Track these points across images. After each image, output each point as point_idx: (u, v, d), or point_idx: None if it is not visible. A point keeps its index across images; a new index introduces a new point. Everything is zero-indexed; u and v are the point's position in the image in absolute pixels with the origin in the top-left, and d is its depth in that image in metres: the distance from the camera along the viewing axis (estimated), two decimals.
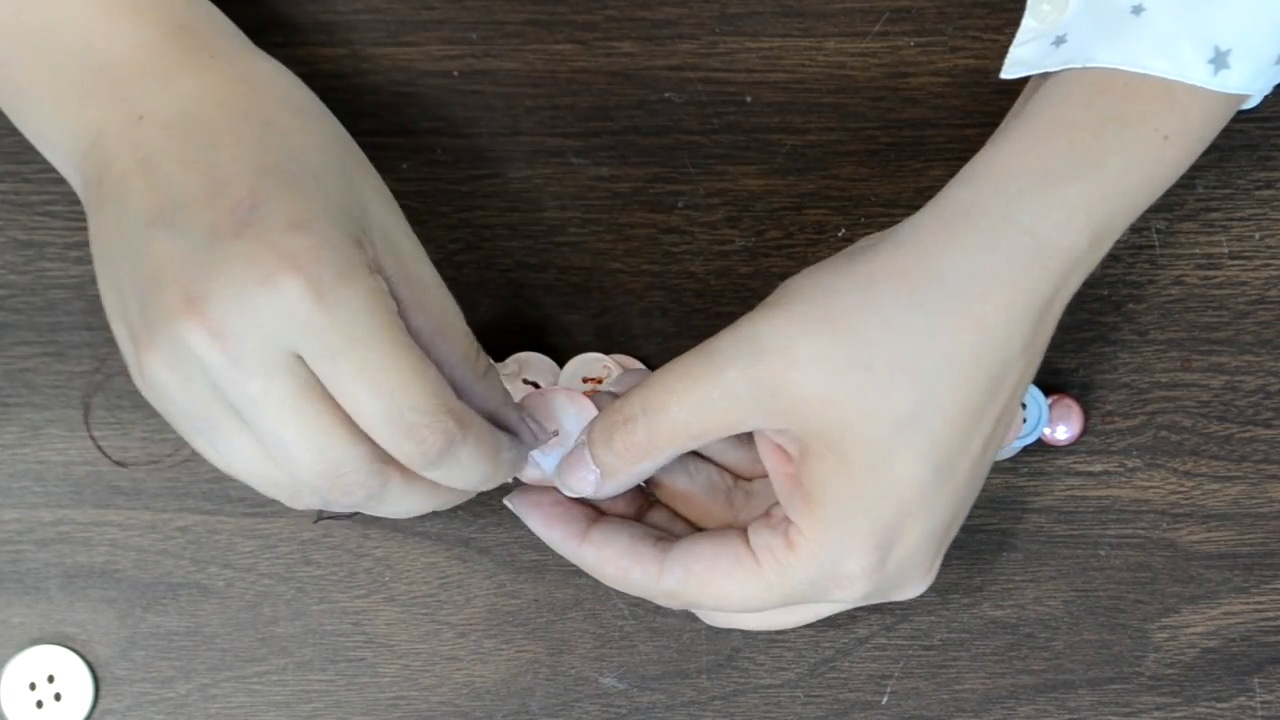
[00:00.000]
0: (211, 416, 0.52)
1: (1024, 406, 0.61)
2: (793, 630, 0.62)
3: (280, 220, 0.51)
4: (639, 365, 0.63)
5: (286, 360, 0.51)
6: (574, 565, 0.63)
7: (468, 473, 0.54)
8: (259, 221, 0.51)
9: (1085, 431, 0.62)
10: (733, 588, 0.55)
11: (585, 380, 0.62)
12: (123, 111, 0.55)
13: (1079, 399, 0.62)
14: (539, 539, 0.63)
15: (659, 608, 0.62)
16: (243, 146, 0.53)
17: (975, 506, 0.62)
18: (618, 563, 0.57)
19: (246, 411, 0.52)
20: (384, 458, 0.53)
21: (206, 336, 0.51)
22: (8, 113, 0.58)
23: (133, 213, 0.53)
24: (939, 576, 0.62)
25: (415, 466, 0.53)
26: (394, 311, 0.52)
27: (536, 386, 0.62)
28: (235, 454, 0.53)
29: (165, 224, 0.52)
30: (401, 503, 0.54)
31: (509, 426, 0.56)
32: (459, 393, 0.54)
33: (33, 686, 0.63)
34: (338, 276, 0.51)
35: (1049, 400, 0.62)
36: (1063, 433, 0.62)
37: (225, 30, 0.58)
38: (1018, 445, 0.62)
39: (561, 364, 0.63)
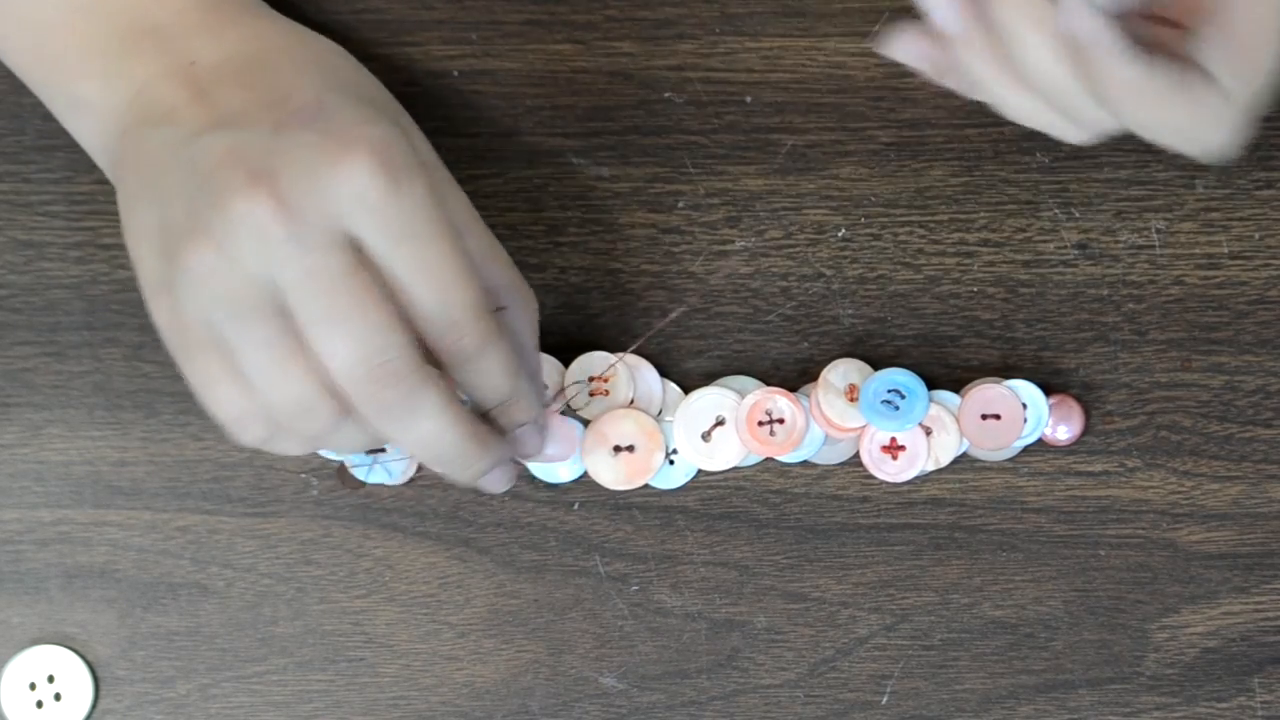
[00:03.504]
0: (246, 310, 0.51)
1: (1025, 406, 0.61)
2: (792, 630, 0.62)
3: (348, 117, 0.52)
4: (646, 364, 0.63)
5: (346, 241, 0.51)
6: (574, 565, 0.63)
7: (490, 379, 0.54)
8: (327, 118, 0.52)
9: (1086, 431, 0.62)
10: None
11: (592, 379, 0.62)
12: (172, 60, 0.56)
13: (1080, 399, 0.62)
14: (538, 539, 0.63)
15: (659, 608, 0.63)
16: (301, 75, 0.55)
17: (975, 506, 0.62)
18: None
19: (296, 289, 0.51)
20: (423, 359, 0.52)
21: (271, 206, 0.50)
22: (36, 87, 0.59)
23: (185, 129, 0.54)
24: (938, 577, 0.62)
25: (450, 362, 0.53)
26: (447, 213, 0.53)
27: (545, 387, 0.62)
28: (257, 361, 0.52)
29: (223, 127, 0.53)
30: (435, 416, 0.53)
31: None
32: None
33: (33, 686, 0.63)
34: (406, 166, 0.51)
35: (1050, 400, 0.62)
36: (1063, 433, 0.62)
37: (262, 3, 0.60)
38: (1019, 445, 0.62)
39: (566, 363, 0.62)
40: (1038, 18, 0.49)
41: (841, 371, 0.62)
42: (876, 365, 0.63)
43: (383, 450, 0.61)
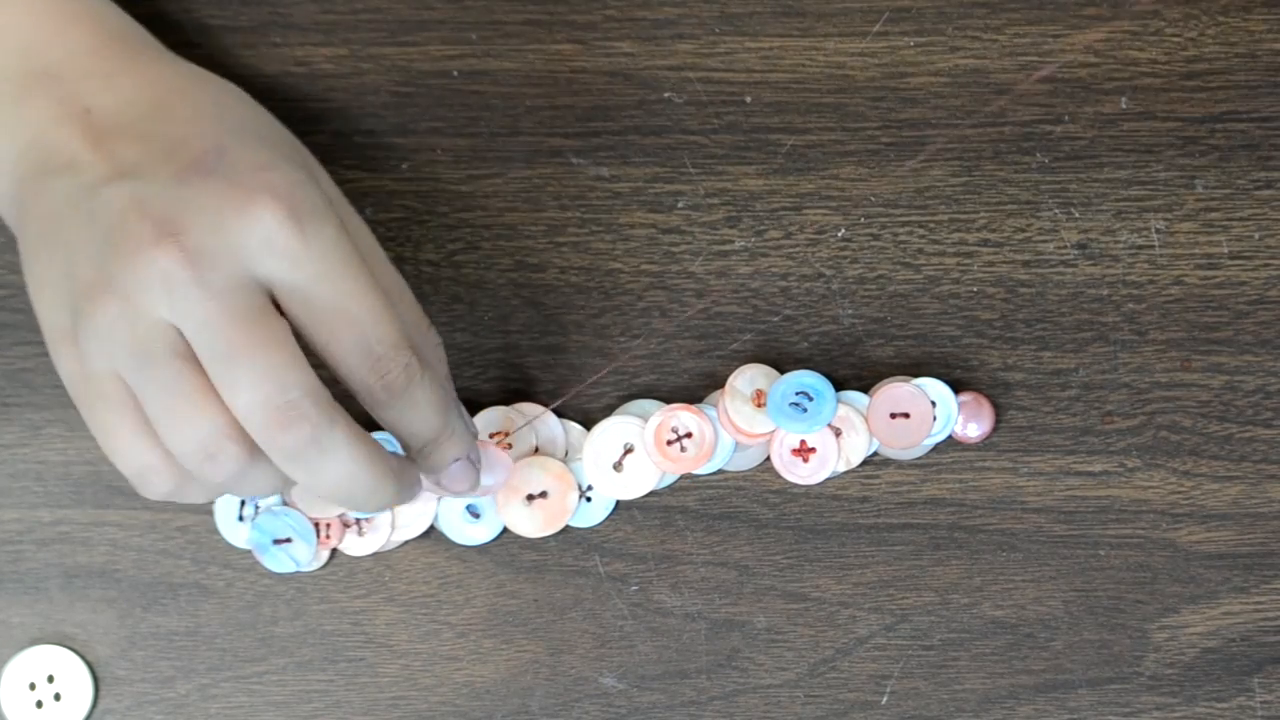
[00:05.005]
0: (151, 357, 0.51)
1: (934, 404, 0.61)
2: (792, 630, 0.62)
3: (249, 162, 0.52)
4: (541, 410, 0.62)
5: (253, 285, 0.51)
6: (574, 565, 0.63)
7: (420, 414, 0.54)
8: (229, 165, 0.52)
9: (995, 429, 0.62)
10: None
11: (492, 436, 0.62)
12: (67, 107, 0.55)
13: (990, 396, 0.62)
14: (538, 539, 0.63)
15: (659, 608, 0.63)
16: (198, 119, 0.54)
17: (975, 506, 0.62)
18: None
19: (199, 332, 0.50)
20: (331, 398, 0.52)
21: (178, 256, 0.50)
22: None
23: (84, 180, 0.53)
24: (939, 577, 0.62)
25: (373, 401, 0.53)
26: (359, 251, 0.52)
27: None
28: (162, 407, 0.51)
29: (125, 178, 0.52)
30: (343, 455, 0.52)
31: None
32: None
33: (33, 686, 0.63)
34: (313, 209, 0.51)
35: (960, 398, 0.62)
36: (974, 430, 0.62)
37: (157, 44, 0.59)
38: (928, 444, 0.62)
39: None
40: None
41: (748, 377, 0.62)
42: (876, 365, 0.63)
43: (288, 540, 0.62)
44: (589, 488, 0.62)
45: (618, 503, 0.63)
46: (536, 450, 0.63)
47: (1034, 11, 0.63)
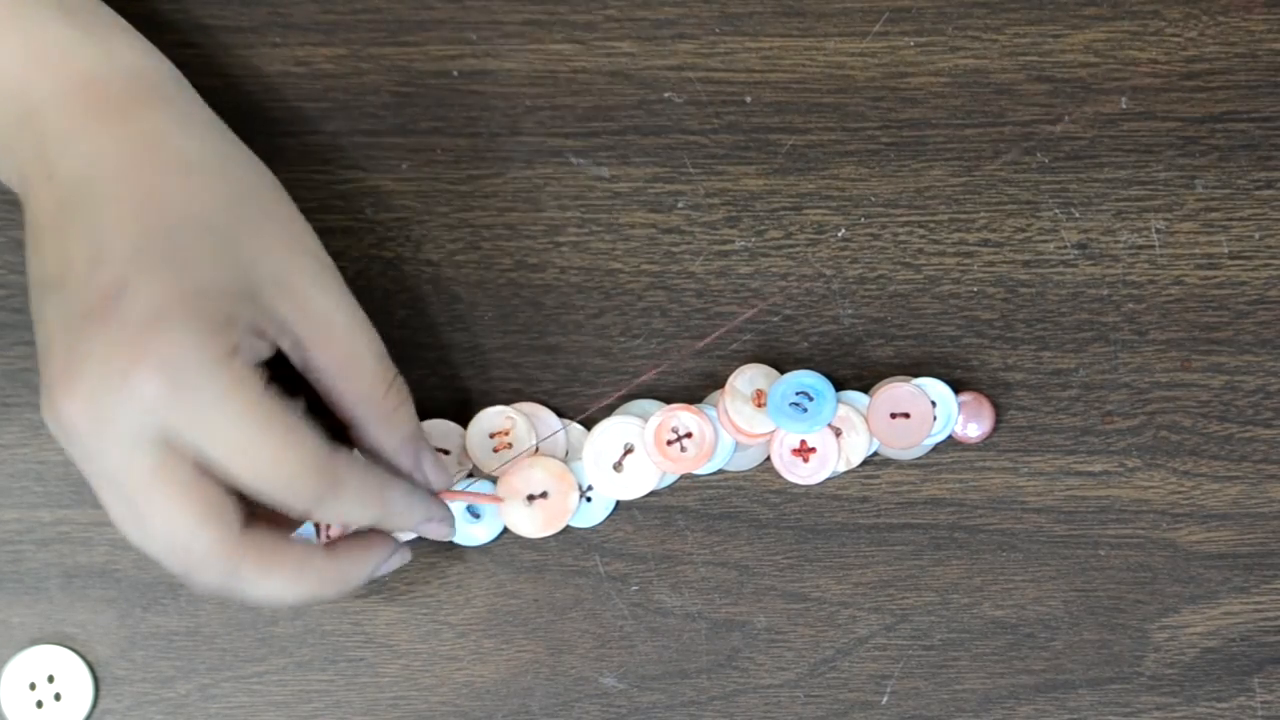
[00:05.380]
0: (89, 477, 0.55)
1: (934, 405, 0.61)
2: (792, 630, 0.62)
3: (142, 310, 0.53)
4: (543, 410, 0.63)
5: (149, 437, 0.53)
6: (574, 565, 0.63)
7: (351, 514, 0.56)
8: (123, 311, 0.53)
9: (996, 429, 0.62)
10: None
11: (493, 436, 0.62)
12: (39, 167, 0.57)
13: (990, 396, 0.62)
14: (538, 539, 0.63)
15: (659, 608, 0.63)
16: (124, 221, 0.55)
17: (975, 506, 0.62)
18: None
19: (101, 491, 0.54)
20: (235, 541, 0.54)
21: (80, 410, 0.53)
22: None
23: (36, 270, 0.56)
24: (939, 577, 0.62)
25: (299, 516, 0.56)
26: (259, 389, 0.53)
27: (446, 454, 0.62)
28: (111, 513, 0.55)
29: (54, 290, 0.55)
30: (260, 587, 0.55)
31: (401, 469, 0.58)
32: (360, 431, 0.57)
33: (33, 686, 0.63)
34: (196, 368, 0.53)
35: (960, 398, 0.62)
36: (974, 430, 0.62)
37: (131, 80, 0.58)
38: (929, 444, 0.62)
39: (465, 423, 0.62)
40: None
41: (748, 377, 0.62)
42: (876, 365, 0.63)
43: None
44: (589, 488, 0.62)
45: (618, 503, 0.63)
46: (537, 450, 0.63)
47: (1034, 11, 0.63)
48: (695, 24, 0.64)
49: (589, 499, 0.63)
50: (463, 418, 0.62)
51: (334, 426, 0.56)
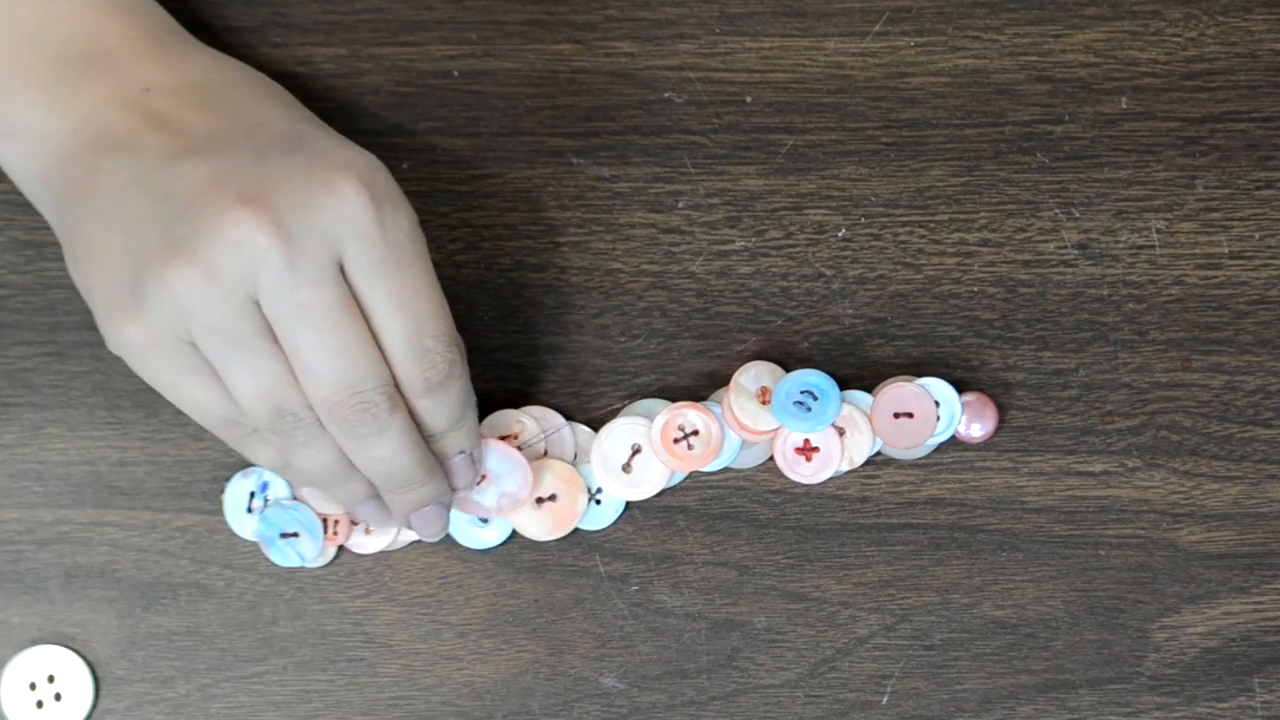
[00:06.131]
0: (232, 335, 0.53)
1: (937, 405, 0.61)
2: (792, 630, 0.62)
3: (332, 145, 0.53)
4: (551, 413, 0.63)
5: (335, 269, 0.52)
6: (574, 565, 0.63)
7: (448, 408, 0.56)
8: (309, 145, 0.53)
9: (999, 429, 0.62)
10: None
11: (503, 439, 0.62)
12: (123, 86, 0.56)
13: (994, 397, 0.62)
14: (538, 539, 0.63)
15: (659, 608, 0.63)
16: (266, 104, 0.55)
17: (975, 506, 0.62)
18: None
19: (287, 320, 0.52)
20: (396, 392, 0.54)
21: (268, 230, 0.51)
22: None
23: (150, 156, 0.54)
24: (939, 577, 0.62)
25: (413, 390, 0.55)
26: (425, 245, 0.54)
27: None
28: (239, 381, 0.53)
29: (199, 153, 0.53)
30: (396, 440, 0.55)
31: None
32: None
33: (33, 686, 0.63)
34: (392, 195, 0.53)
35: (964, 398, 0.62)
36: (977, 430, 0.62)
37: (202, 44, 0.60)
38: (932, 443, 0.62)
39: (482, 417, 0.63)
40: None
41: (753, 375, 0.62)
42: (877, 365, 0.63)
43: (295, 535, 0.62)
44: (598, 490, 0.62)
45: (627, 505, 0.63)
46: (546, 453, 0.63)
47: (1034, 11, 0.63)
48: (695, 24, 0.64)
49: (598, 501, 0.63)
50: None
51: None
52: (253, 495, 0.62)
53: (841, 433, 0.62)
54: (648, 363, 0.63)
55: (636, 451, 0.62)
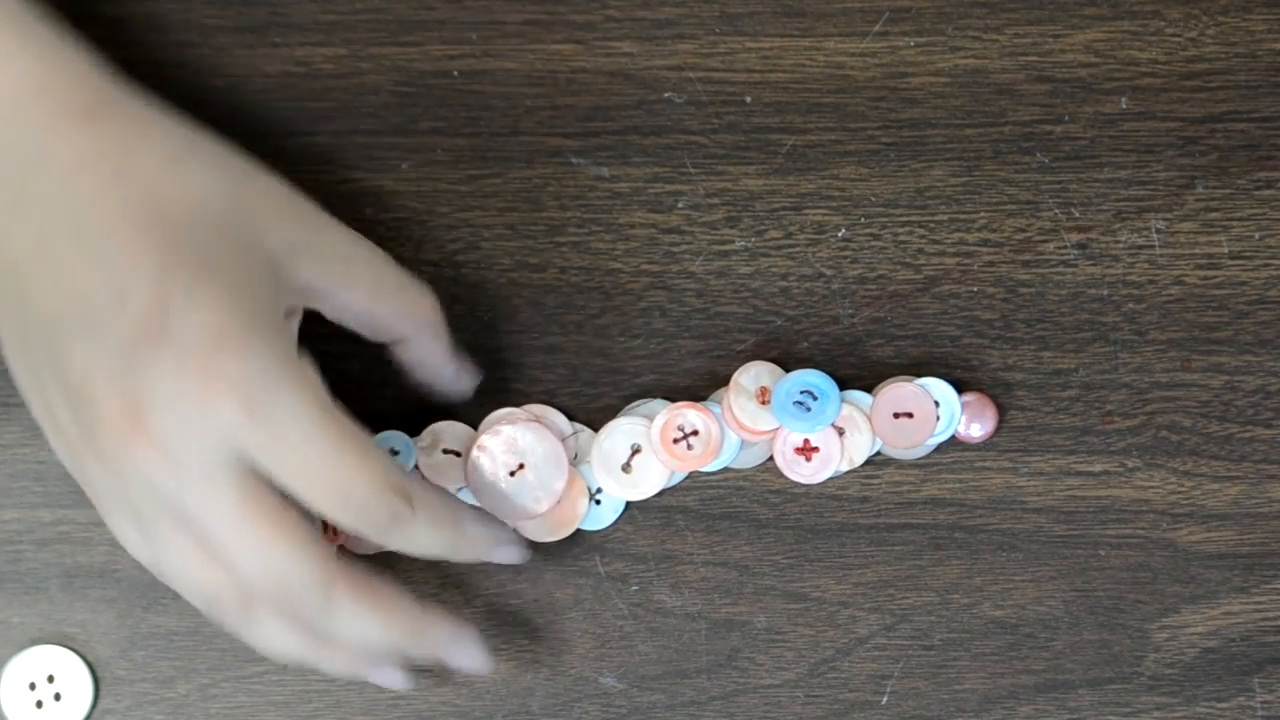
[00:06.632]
0: (150, 518, 0.53)
1: (937, 405, 0.61)
2: (792, 630, 0.62)
3: (197, 329, 0.50)
4: (553, 411, 0.63)
5: (230, 466, 0.51)
6: (574, 565, 0.63)
7: (425, 543, 0.55)
8: (178, 336, 0.50)
9: (999, 429, 0.62)
10: None
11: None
12: (2, 193, 0.53)
13: (993, 397, 0.62)
14: (538, 540, 0.63)
15: (659, 608, 0.63)
16: (131, 236, 0.51)
17: (975, 506, 0.62)
18: None
19: (191, 518, 0.52)
20: (330, 570, 0.53)
21: (150, 451, 0.51)
22: None
23: (36, 304, 0.52)
24: (939, 577, 0.62)
25: (371, 539, 0.54)
26: (325, 400, 0.52)
27: (457, 455, 0.62)
28: (168, 559, 0.53)
29: (78, 327, 0.51)
30: (353, 622, 0.54)
31: (449, 378, 0.59)
32: (410, 346, 0.58)
33: (33, 686, 0.63)
34: (268, 386, 0.51)
35: (963, 398, 0.62)
36: (977, 430, 0.62)
37: (85, 85, 0.54)
38: (932, 443, 0.62)
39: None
40: None
41: (753, 374, 0.62)
42: (876, 365, 0.63)
43: None
44: (598, 490, 0.62)
45: (627, 505, 0.63)
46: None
47: (1034, 11, 0.63)
48: (695, 24, 0.64)
49: (598, 501, 0.63)
50: (464, 418, 0.62)
51: None
52: None
53: (841, 433, 0.62)
54: (648, 363, 0.63)
55: (636, 451, 0.62)
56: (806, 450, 0.62)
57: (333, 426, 0.52)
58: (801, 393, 0.61)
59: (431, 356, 0.59)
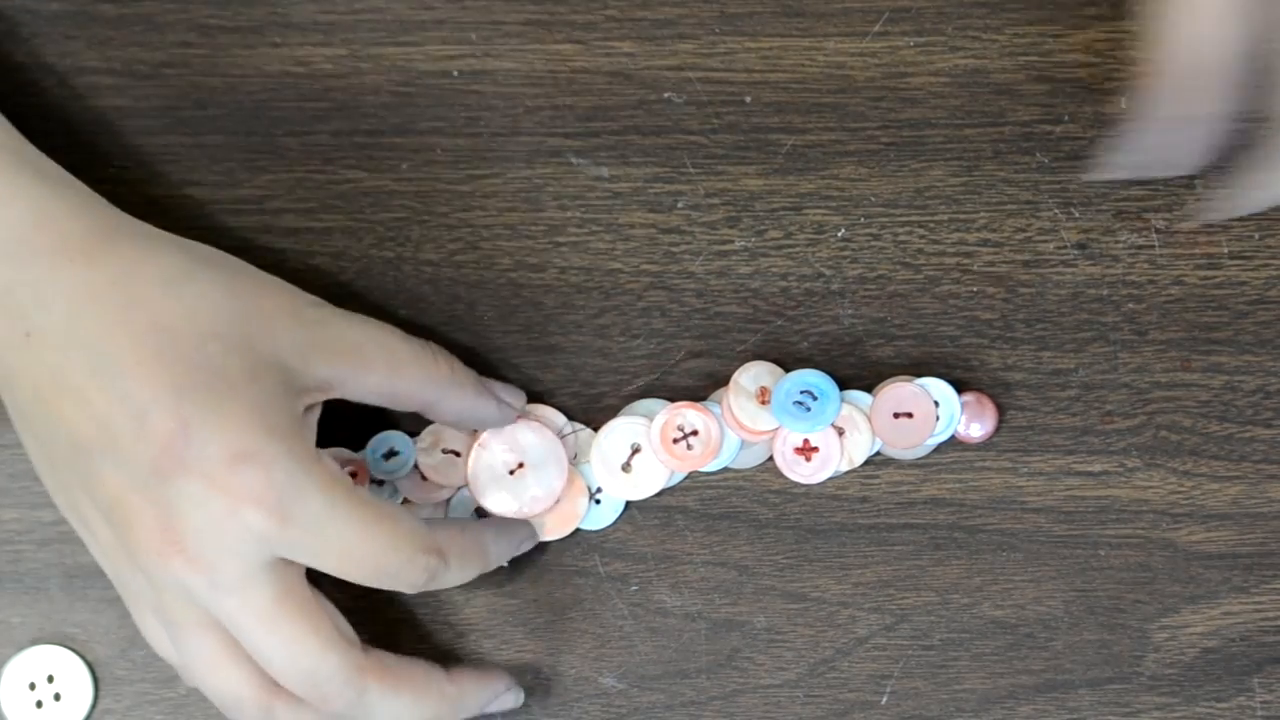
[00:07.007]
0: (180, 621, 0.54)
1: (937, 405, 0.61)
2: (792, 630, 0.62)
3: (218, 448, 0.52)
4: (551, 410, 0.63)
5: (265, 566, 0.53)
6: (574, 565, 0.63)
7: (458, 580, 0.57)
8: (199, 455, 0.52)
9: (999, 429, 0.62)
10: None
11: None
12: (10, 326, 0.54)
13: (993, 396, 0.62)
14: (538, 540, 0.63)
15: (659, 608, 0.63)
16: (145, 363, 0.52)
17: (975, 506, 0.62)
18: None
19: (229, 623, 0.54)
20: (360, 661, 0.55)
21: (186, 564, 0.52)
22: None
23: (62, 430, 0.53)
24: (939, 577, 0.62)
25: (411, 593, 0.58)
26: (349, 486, 0.54)
27: (457, 455, 0.62)
28: (196, 665, 0.55)
29: (105, 455, 0.53)
30: (386, 709, 0.56)
31: (488, 412, 0.60)
32: (437, 408, 0.59)
33: (33, 686, 0.63)
34: (295, 491, 0.52)
35: (963, 398, 0.62)
36: (976, 430, 0.62)
37: (81, 219, 0.55)
38: (931, 443, 0.62)
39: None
40: None
41: (753, 374, 0.62)
42: (876, 366, 0.63)
43: None
44: (598, 490, 0.62)
45: (627, 504, 0.63)
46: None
47: (1034, 11, 0.63)
48: (695, 24, 0.64)
49: (598, 501, 0.63)
50: None
51: None
52: None
53: (841, 433, 0.62)
54: (647, 363, 0.63)
55: (636, 451, 0.62)
56: (806, 450, 0.62)
57: (361, 511, 0.54)
58: (801, 393, 0.61)
59: (464, 407, 0.60)
